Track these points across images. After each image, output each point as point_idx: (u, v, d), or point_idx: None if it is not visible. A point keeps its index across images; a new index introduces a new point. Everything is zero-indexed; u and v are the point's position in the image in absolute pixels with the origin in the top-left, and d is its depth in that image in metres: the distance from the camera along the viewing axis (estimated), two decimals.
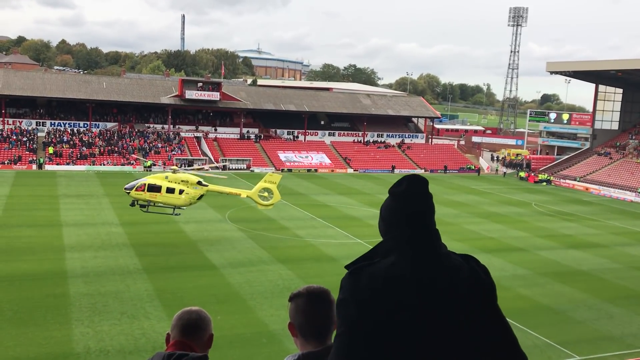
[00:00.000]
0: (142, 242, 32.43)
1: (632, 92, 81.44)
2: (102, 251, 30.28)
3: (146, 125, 73.22)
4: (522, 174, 75.74)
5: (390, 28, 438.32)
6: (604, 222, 47.45)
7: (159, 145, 68.64)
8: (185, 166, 65.32)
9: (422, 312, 2.15)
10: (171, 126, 73.19)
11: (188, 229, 36.34)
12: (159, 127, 73.20)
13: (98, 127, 70.15)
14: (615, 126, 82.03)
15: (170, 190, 32.63)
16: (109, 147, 65.81)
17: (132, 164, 63.71)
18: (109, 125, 71.41)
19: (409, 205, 2.32)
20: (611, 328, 24.00)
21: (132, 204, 33.38)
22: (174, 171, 33.66)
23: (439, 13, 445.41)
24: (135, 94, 71.51)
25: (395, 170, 74.74)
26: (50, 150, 62.87)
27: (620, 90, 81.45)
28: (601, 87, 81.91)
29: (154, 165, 63.55)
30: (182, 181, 32.91)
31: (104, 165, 62.72)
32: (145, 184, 32.52)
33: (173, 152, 67.70)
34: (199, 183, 33.44)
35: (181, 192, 32.81)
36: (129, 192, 32.81)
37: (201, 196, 33.80)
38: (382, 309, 2.15)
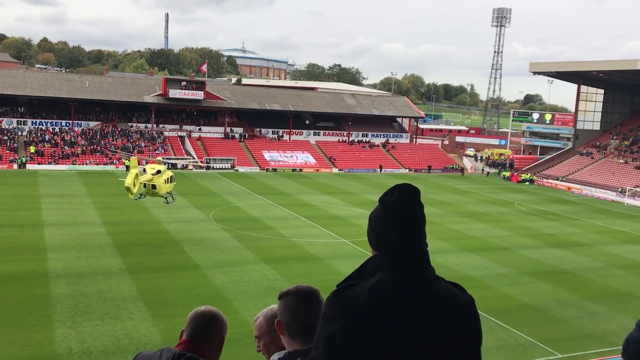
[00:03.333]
0: (125, 242, 32.17)
1: (614, 93, 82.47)
2: (84, 251, 29.98)
3: (129, 124, 72.65)
4: (506, 174, 76.35)
5: (376, 28, 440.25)
6: (586, 222, 47.98)
7: (142, 144, 68.13)
8: (169, 165, 64.88)
9: (402, 338, 2.11)
10: (154, 125, 72.70)
11: (172, 229, 36.12)
12: (142, 126, 72.66)
13: (80, 126, 69.46)
14: (596, 126, 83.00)
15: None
16: (92, 147, 65.19)
17: (115, 163, 63.17)
18: (92, 124, 70.75)
19: (398, 217, 2.29)
20: (592, 326, 24.27)
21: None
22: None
23: (424, 13, 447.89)
24: (118, 93, 70.91)
25: (382, 169, 74.93)
26: (32, 149, 62.12)
27: (602, 91, 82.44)
28: (583, 88, 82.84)
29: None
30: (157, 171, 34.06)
31: (86, 164, 62.11)
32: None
33: (157, 152, 67.20)
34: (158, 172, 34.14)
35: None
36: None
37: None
38: (361, 332, 2.11)
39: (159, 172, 33.84)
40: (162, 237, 34.07)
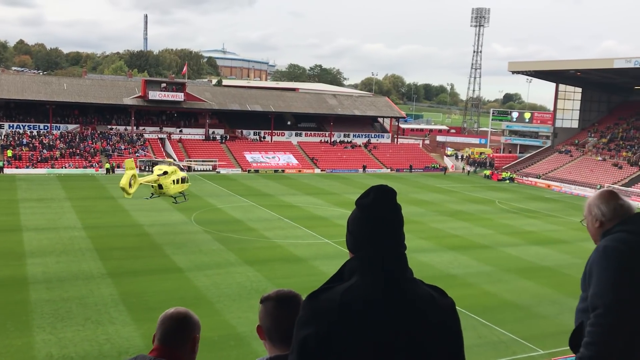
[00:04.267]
0: (106, 246, 31.82)
1: (591, 92, 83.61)
2: (64, 256, 29.59)
3: (109, 126, 71.93)
4: (486, 172, 76.99)
5: (357, 29, 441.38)
6: (566, 219, 48.56)
7: (122, 147, 67.50)
8: (149, 168, 64.41)
9: (377, 343, 2.08)
10: (134, 127, 72.06)
11: (153, 232, 35.82)
12: (121, 128, 71.99)
13: (59, 129, 68.60)
14: (575, 124, 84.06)
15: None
16: (71, 150, 64.42)
17: (95, 166, 62.48)
18: (70, 127, 69.91)
19: (375, 219, 2.25)
20: (573, 322, 24.48)
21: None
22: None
23: (404, 14, 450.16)
24: (97, 95, 70.16)
25: (366, 169, 75.09)
26: (9, 153, 61.18)
27: (580, 90, 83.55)
28: (561, 87, 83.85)
29: (118, 167, 62.48)
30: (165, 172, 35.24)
31: (65, 168, 61.33)
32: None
33: (137, 154, 66.61)
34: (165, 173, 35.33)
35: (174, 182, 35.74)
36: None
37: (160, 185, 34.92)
38: (335, 337, 2.07)
39: (165, 173, 34.80)
40: (144, 240, 33.77)
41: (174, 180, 35.28)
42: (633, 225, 2.72)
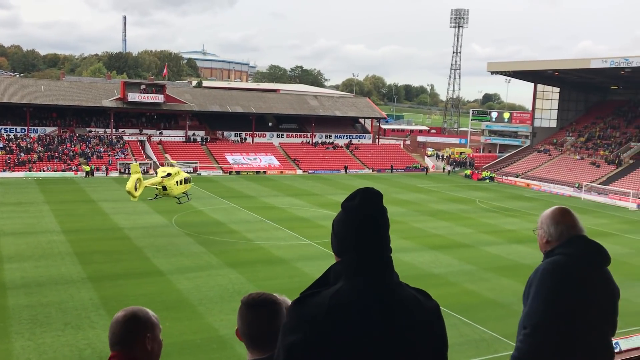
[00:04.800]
0: (85, 250, 31.45)
1: (569, 91, 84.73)
2: (43, 260, 29.18)
3: (87, 129, 71.12)
4: (467, 172, 77.58)
5: (337, 30, 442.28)
6: None
7: (102, 149, 66.79)
8: (129, 170, 63.76)
9: (365, 347, 2.07)
10: (114, 130, 71.35)
11: (133, 235, 35.49)
12: (101, 131, 71.22)
13: (37, 132, 67.64)
14: (553, 124, 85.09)
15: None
16: (49, 153, 63.58)
17: (74, 169, 61.75)
18: (49, 130, 68.98)
19: (361, 222, 2.24)
20: None
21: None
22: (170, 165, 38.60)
23: (385, 15, 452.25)
24: (76, 98, 69.35)
25: (348, 170, 75.19)
26: None
27: (557, 90, 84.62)
28: (539, 87, 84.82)
29: (97, 170, 61.86)
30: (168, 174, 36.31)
31: (43, 171, 60.50)
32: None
33: (116, 157, 66.01)
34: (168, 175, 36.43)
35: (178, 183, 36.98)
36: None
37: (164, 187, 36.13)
38: (322, 342, 2.06)
39: (169, 174, 35.95)
40: (124, 244, 33.44)
41: (177, 182, 36.43)
42: (571, 249, 2.85)
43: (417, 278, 28.01)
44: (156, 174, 36.96)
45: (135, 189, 33.54)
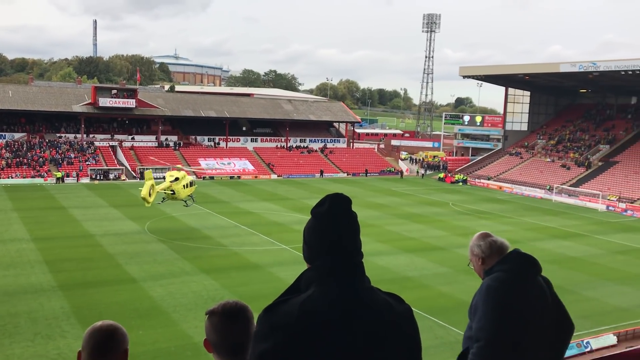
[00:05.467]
0: (56, 258, 30.84)
1: (539, 95, 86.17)
2: (12, 269, 28.53)
3: (57, 135, 69.88)
4: (440, 175, 78.27)
5: (311, 34, 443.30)
6: (517, 219, 49.78)
7: (72, 155, 65.69)
8: (100, 176, 62.88)
9: (336, 354, 2.05)
10: (84, 135, 70.24)
11: (105, 242, 34.93)
12: (71, 136, 70.04)
13: (4, 138, 66.20)
14: (524, 127, 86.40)
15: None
16: (17, 159, 62.27)
17: (44, 176, 60.60)
18: (17, 135, 67.58)
19: (330, 227, 2.23)
20: None
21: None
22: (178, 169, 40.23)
23: (358, 19, 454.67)
24: (45, 103, 68.11)
25: (324, 174, 75.17)
26: None
27: (528, 93, 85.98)
28: (510, 90, 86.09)
29: (68, 176, 60.85)
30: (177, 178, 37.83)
31: (12, 178, 59.21)
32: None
33: (87, 162, 64.98)
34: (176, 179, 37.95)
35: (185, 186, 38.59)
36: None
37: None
38: (293, 350, 2.03)
39: (177, 179, 37.56)
40: (96, 251, 32.89)
41: (184, 185, 38.07)
42: (508, 265, 3.08)
43: (392, 281, 28.12)
44: (164, 179, 38.60)
45: (149, 195, 35.25)
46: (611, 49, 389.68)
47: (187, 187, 38.58)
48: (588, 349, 22.29)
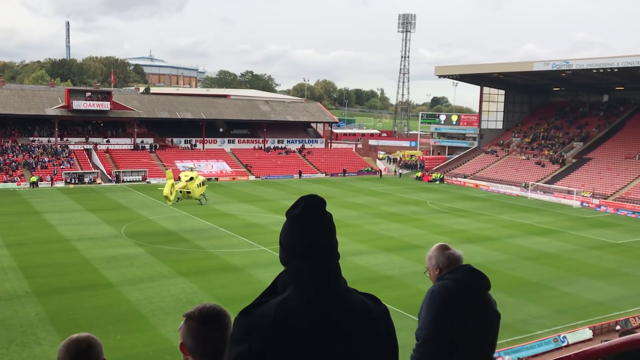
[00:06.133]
0: (30, 264, 30.31)
1: (513, 93, 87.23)
2: None
3: (30, 138, 68.74)
4: (418, 174, 78.77)
5: (287, 34, 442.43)
6: (494, 216, 50.32)
7: (46, 159, 64.66)
8: (75, 180, 61.99)
9: (313, 356, 2.04)
10: (58, 139, 69.19)
11: (81, 247, 34.43)
12: (45, 140, 68.95)
13: None
14: (499, 125, 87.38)
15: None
16: None
17: (17, 180, 59.52)
18: None
19: (305, 229, 2.23)
20: (505, 316, 25.06)
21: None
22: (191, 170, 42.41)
23: (334, 20, 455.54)
24: (17, 106, 66.92)
25: (302, 175, 75.08)
26: None
27: (503, 92, 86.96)
28: (485, 89, 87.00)
29: (42, 180, 59.87)
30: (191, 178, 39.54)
31: None
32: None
33: (62, 166, 64.03)
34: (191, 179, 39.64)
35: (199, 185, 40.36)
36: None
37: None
38: (269, 352, 2.02)
39: (191, 178, 39.28)
40: (71, 256, 32.39)
41: (197, 184, 39.66)
42: (457, 275, 3.32)
43: (371, 280, 28.20)
44: (179, 179, 39.98)
45: (170, 193, 37.30)
46: (584, 48, 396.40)
47: (200, 186, 40.15)
48: (565, 344, 22.61)
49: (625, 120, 76.13)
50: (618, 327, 23.92)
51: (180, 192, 38.63)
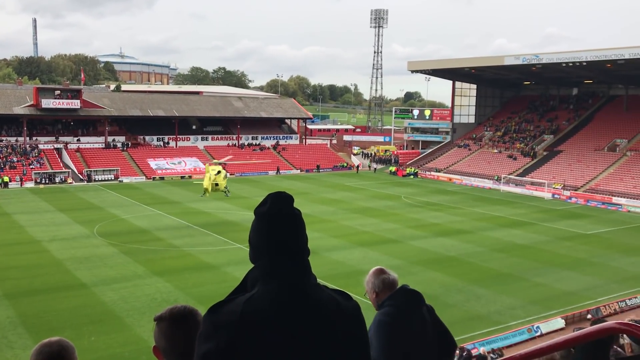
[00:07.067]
0: (0, 266, 29.69)
1: (485, 88, 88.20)
2: None
3: None
4: (392, 169, 79.22)
5: (260, 30, 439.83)
6: (467, 210, 50.88)
7: (15, 159, 63.33)
8: (45, 180, 60.91)
9: (281, 353, 2.02)
10: (27, 138, 67.83)
11: (53, 248, 33.86)
12: (13, 140, 67.50)
13: None
14: (472, 120, 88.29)
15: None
16: None
17: None
18: None
19: (273, 226, 2.22)
20: (479, 308, 25.76)
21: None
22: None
23: (307, 15, 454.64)
24: None
25: (280, 171, 74.82)
26: None
27: (475, 86, 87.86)
28: (458, 84, 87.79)
29: (10, 180, 58.65)
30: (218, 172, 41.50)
31: None
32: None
33: (31, 166, 62.81)
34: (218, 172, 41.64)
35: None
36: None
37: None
38: (236, 350, 2.01)
39: (219, 172, 41.38)
40: (43, 257, 31.84)
41: (223, 177, 41.79)
42: (395, 300, 3.43)
43: (347, 275, 28.30)
44: (208, 172, 41.84)
45: (209, 186, 40.27)
46: (553, 42, 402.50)
47: (224, 178, 42.15)
48: (538, 334, 23.01)
49: (594, 112, 77.59)
50: (589, 316, 24.42)
51: (216, 184, 41.10)
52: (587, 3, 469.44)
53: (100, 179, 64.16)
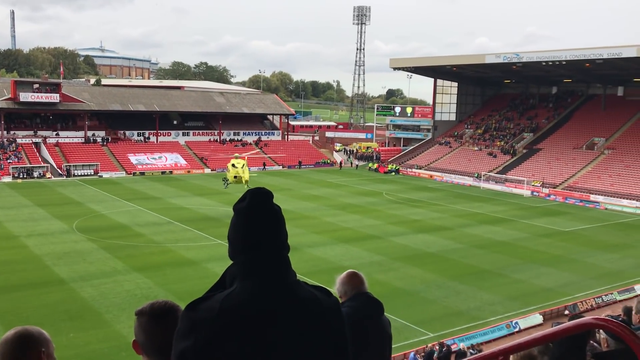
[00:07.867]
0: None
1: (466, 86, 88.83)
2: None
3: None
4: (373, 166, 79.46)
5: (243, 26, 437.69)
6: (448, 206, 51.26)
7: None
8: (23, 174, 60.05)
9: (260, 350, 2.01)
10: (5, 132, 66.77)
11: (31, 243, 33.42)
12: None
13: None
14: (453, 117, 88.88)
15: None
16: None
17: None
18: None
19: (252, 223, 2.20)
20: (459, 304, 25.99)
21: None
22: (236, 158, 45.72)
23: (290, 11, 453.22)
24: None
25: (266, 167, 74.56)
26: None
27: (456, 84, 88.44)
28: (439, 82, 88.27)
29: None
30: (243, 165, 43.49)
31: None
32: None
33: (9, 160, 61.88)
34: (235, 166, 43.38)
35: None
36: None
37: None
38: (214, 347, 1.98)
39: (243, 165, 43.44)
40: (20, 253, 31.41)
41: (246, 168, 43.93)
42: (354, 302, 3.49)
43: (328, 271, 28.34)
44: (233, 165, 43.50)
45: (235, 177, 42.64)
46: (533, 41, 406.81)
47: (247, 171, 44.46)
48: (517, 329, 23.29)
49: (572, 111, 78.58)
50: (567, 312, 24.78)
51: (235, 177, 42.90)
52: (566, 3, 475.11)
53: (79, 174, 63.45)
